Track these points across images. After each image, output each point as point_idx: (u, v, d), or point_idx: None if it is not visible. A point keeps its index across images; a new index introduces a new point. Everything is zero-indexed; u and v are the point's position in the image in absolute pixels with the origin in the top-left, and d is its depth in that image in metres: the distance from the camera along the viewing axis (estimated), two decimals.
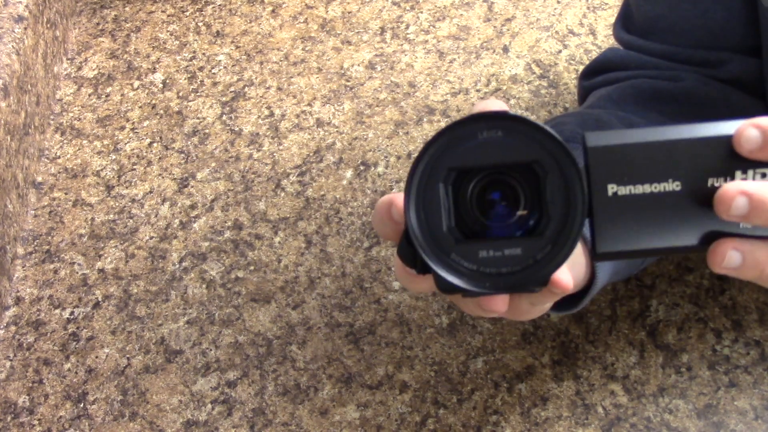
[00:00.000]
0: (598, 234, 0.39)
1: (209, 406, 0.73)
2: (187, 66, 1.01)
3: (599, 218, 0.38)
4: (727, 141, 0.38)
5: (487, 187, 0.39)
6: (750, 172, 0.38)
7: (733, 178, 0.38)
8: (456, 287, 0.39)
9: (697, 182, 0.38)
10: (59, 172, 0.92)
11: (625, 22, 0.75)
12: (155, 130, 0.95)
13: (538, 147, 0.37)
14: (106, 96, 0.99)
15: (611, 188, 0.38)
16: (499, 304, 0.42)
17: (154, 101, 0.98)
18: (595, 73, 0.75)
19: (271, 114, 0.95)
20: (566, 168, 0.37)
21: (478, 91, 0.95)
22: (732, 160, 0.38)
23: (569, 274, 0.41)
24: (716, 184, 0.38)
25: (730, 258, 0.39)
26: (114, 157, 0.93)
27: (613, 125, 0.65)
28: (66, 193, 0.90)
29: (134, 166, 0.92)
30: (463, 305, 0.45)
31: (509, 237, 0.38)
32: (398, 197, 0.42)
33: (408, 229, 0.38)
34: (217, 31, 1.05)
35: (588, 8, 1.03)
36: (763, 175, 0.38)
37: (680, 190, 0.38)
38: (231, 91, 0.98)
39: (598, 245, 0.39)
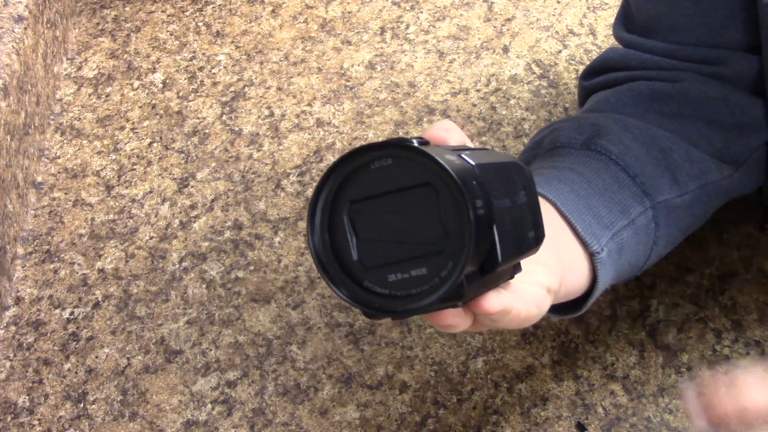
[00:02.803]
0: (499, 244, 0.42)
1: (209, 406, 0.73)
2: (187, 66, 1.01)
3: (499, 230, 0.41)
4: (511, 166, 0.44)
5: (388, 212, 0.40)
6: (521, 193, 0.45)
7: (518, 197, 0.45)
8: (374, 314, 0.41)
9: (515, 199, 0.44)
10: (59, 172, 0.92)
11: (625, 22, 0.75)
12: (155, 130, 0.95)
13: (426, 169, 0.39)
14: (106, 96, 0.99)
15: (496, 202, 0.41)
16: (450, 318, 0.43)
17: (154, 101, 0.98)
18: (596, 73, 0.75)
19: (271, 114, 0.95)
20: (453, 187, 0.38)
21: (478, 91, 0.95)
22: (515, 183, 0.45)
23: (498, 299, 0.44)
24: (518, 201, 0.44)
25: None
26: (114, 157, 0.93)
27: (610, 128, 0.65)
28: (66, 193, 0.90)
29: (134, 166, 0.92)
30: (429, 320, 0.46)
31: (415, 259, 0.40)
32: None
33: (317, 265, 0.40)
34: (217, 31, 1.05)
35: (588, 8, 1.03)
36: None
37: (509, 205, 0.43)
38: (231, 91, 0.98)
39: (499, 256, 0.41)
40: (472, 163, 0.41)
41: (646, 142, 0.66)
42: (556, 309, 0.61)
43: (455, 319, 0.43)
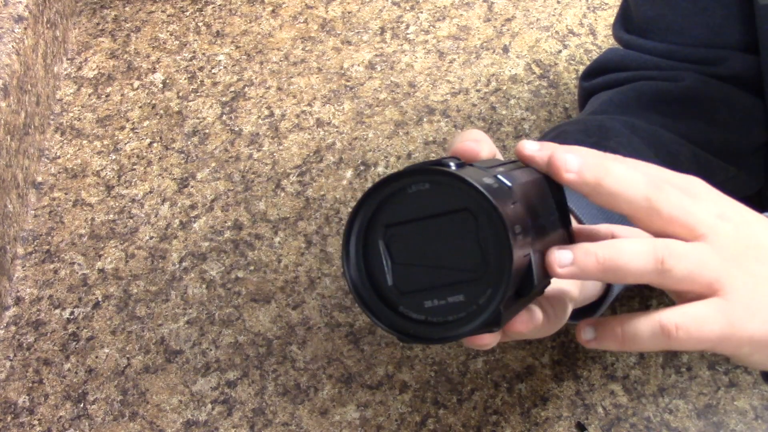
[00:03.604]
0: (534, 268, 0.41)
1: (209, 406, 0.73)
2: (187, 66, 1.01)
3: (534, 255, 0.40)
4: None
5: (425, 238, 0.40)
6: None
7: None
8: (409, 340, 0.40)
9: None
10: (59, 172, 0.92)
11: (624, 22, 0.75)
12: (155, 130, 0.95)
13: (464, 195, 0.38)
14: (106, 96, 0.99)
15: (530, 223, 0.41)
16: (485, 339, 0.43)
17: (154, 101, 0.98)
18: (595, 74, 0.75)
19: (271, 114, 0.95)
20: (492, 214, 0.38)
21: (478, 91, 0.95)
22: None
23: (530, 320, 0.44)
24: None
25: (560, 258, 0.41)
26: (114, 157, 0.93)
27: (617, 131, 0.65)
28: (66, 193, 0.90)
29: (134, 166, 0.92)
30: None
31: (452, 286, 0.39)
32: None
33: (354, 293, 0.40)
34: (217, 31, 1.05)
35: (588, 8, 1.03)
36: None
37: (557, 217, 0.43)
38: (231, 91, 0.98)
39: (535, 279, 0.40)
40: (509, 184, 0.39)
41: (655, 144, 0.66)
42: (574, 315, 0.61)
43: (489, 339, 0.42)
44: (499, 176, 0.40)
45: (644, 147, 0.65)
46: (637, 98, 0.69)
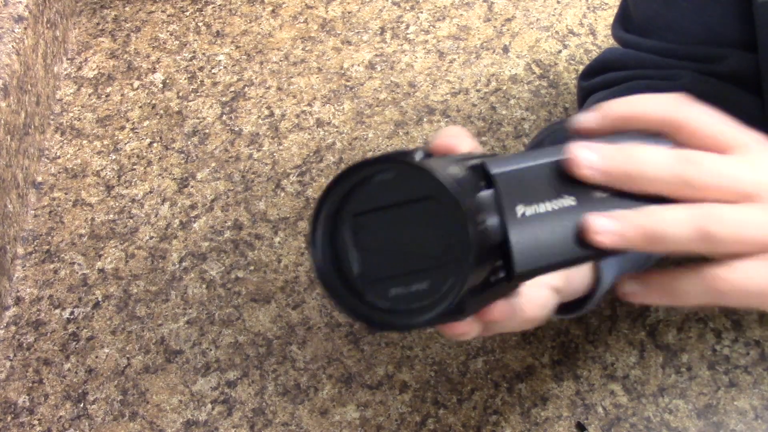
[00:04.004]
0: (516, 254, 0.40)
1: (209, 406, 0.73)
2: (187, 66, 1.01)
3: (514, 239, 0.40)
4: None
5: (390, 226, 0.40)
6: None
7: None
8: (375, 328, 0.40)
9: (587, 194, 0.41)
10: (59, 172, 0.92)
11: (623, 22, 0.75)
12: (155, 130, 0.95)
13: (428, 184, 0.38)
14: (106, 96, 0.99)
15: (520, 209, 0.40)
16: (461, 327, 0.43)
17: (154, 101, 0.98)
18: (594, 73, 0.76)
19: (271, 114, 0.95)
20: (452, 203, 0.38)
21: (478, 91, 0.95)
22: None
23: (501, 308, 0.43)
24: (599, 196, 0.42)
25: (603, 226, 0.41)
26: (114, 157, 0.93)
27: None
28: (66, 193, 0.90)
29: (134, 166, 0.92)
30: (439, 330, 0.46)
31: (416, 273, 0.39)
32: None
33: (321, 282, 0.40)
34: (217, 31, 1.05)
35: (588, 8, 1.03)
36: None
37: (575, 204, 0.41)
38: (231, 91, 0.98)
39: (516, 265, 0.40)
40: (492, 172, 0.40)
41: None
42: (559, 309, 0.61)
43: (463, 328, 0.43)
44: (472, 163, 0.40)
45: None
46: None
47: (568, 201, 0.41)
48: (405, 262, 0.40)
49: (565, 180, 0.41)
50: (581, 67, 0.95)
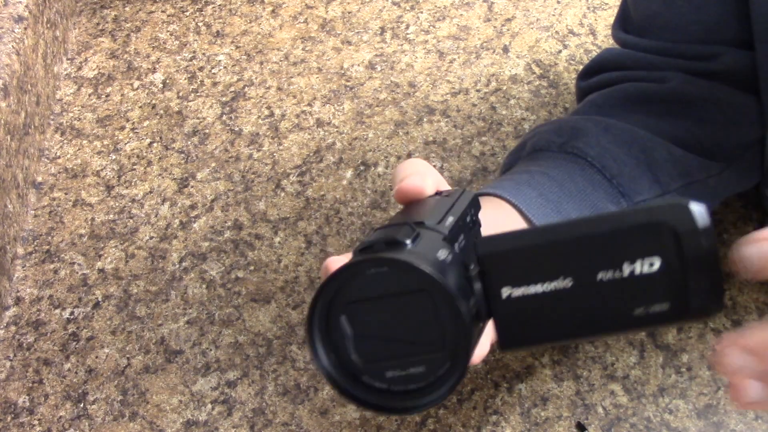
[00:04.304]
0: (500, 334, 0.41)
1: (209, 406, 0.73)
2: (187, 66, 1.01)
3: (499, 320, 0.41)
4: (611, 234, 0.40)
5: (385, 314, 0.41)
6: (637, 262, 0.39)
7: (621, 269, 0.40)
8: (372, 409, 0.42)
9: (587, 277, 0.40)
10: (59, 172, 0.92)
11: (623, 22, 0.75)
12: (155, 130, 0.95)
13: (421, 278, 0.39)
14: (106, 96, 0.99)
15: (506, 291, 0.40)
16: None
17: (154, 101, 0.98)
18: (592, 73, 0.76)
19: (271, 114, 0.95)
20: (448, 299, 0.39)
21: (478, 91, 0.95)
22: (618, 253, 0.40)
23: (479, 351, 0.45)
24: (605, 277, 0.40)
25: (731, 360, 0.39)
26: (114, 157, 0.93)
27: (588, 130, 0.66)
28: (66, 193, 0.90)
29: (134, 166, 0.92)
30: None
31: (412, 357, 0.41)
32: (333, 262, 0.47)
33: (319, 367, 0.41)
34: (217, 31, 1.05)
35: (588, 8, 1.03)
36: (651, 265, 0.39)
37: (571, 285, 0.40)
38: (231, 91, 0.98)
39: (501, 344, 0.42)
40: (481, 253, 0.40)
41: (627, 142, 0.66)
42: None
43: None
44: (458, 245, 0.42)
45: (614, 146, 0.65)
46: (622, 99, 0.70)
47: (563, 283, 0.40)
48: (401, 347, 0.41)
49: (564, 260, 0.40)
50: (581, 67, 0.95)
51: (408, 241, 0.40)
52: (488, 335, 0.50)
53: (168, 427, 0.72)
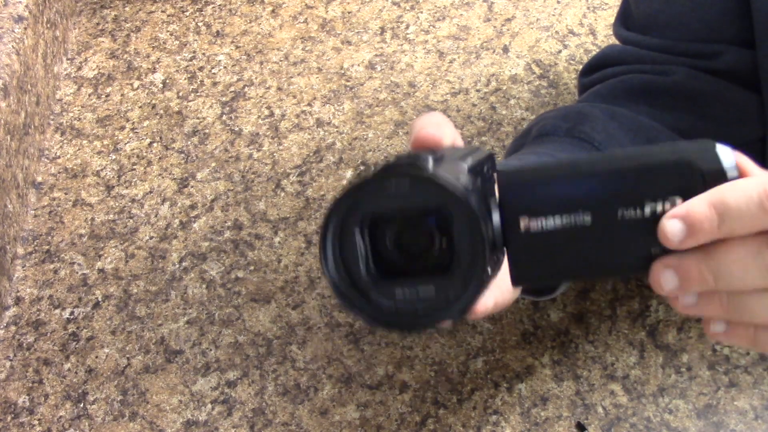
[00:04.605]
0: (514, 267, 0.41)
1: (209, 406, 0.73)
2: (187, 66, 1.01)
3: (514, 252, 0.41)
4: (635, 171, 0.39)
5: (401, 230, 0.41)
6: (660, 201, 0.39)
7: (642, 208, 0.39)
8: (378, 326, 0.41)
9: (607, 213, 0.40)
10: (59, 172, 0.92)
11: (624, 20, 0.75)
12: (155, 130, 0.95)
13: (442, 194, 0.39)
14: (106, 96, 0.99)
15: (523, 222, 0.40)
16: (444, 323, 0.44)
17: (154, 101, 0.98)
18: (594, 69, 0.76)
19: (271, 114, 0.95)
20: (469, 215, 0.39)
21: (478, 91, 0.95)
22: (641, 190, 0.39)
23: (485, 304, 0.44)
24: (626, 215, 0.39)
25: (666, 280, 0.39)
26: (114, 157, 0.93)
27: (594, 116, 0.66)
28: (66, 193, 0.90)
29: (134, 166, 0.92)
30: None
31: (423, 277, 0.40)
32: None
33: (327, 277, 0.41)
34: (217, 31, 1.05)
35: (588, 8, 1.03)
36: (672, 203, 0.39)
37: (590, 221, 0.40)
38: (231, 91, 0.98)
39: (514, 277, 0.41)
40: (502, 182, 0.40)
41: (632, 130, 0.66)
42: (531, 290, 0.63)
43: (448, 323, 0.44)
44: (479, 169, 0.41)
45: (620, 133, 0.65)
46: (625, 90, 0.70)
47: (583, 217, 0.40)
48: (412, 266, 0.40)
49: (585, 194, 0.40)
50: (581, 67, 0.95)
51: (430, 162, 0.39)
52: (493, 293, 0.49)
53: (168, 427, 0.72)
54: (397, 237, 0.40)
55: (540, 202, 0.40)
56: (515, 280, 0.41)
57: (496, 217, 0.40)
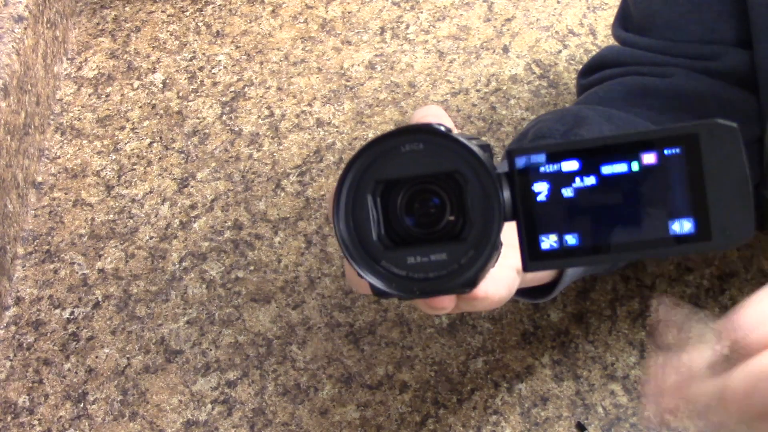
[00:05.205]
0: (526, 243, 0.41)
1: (209, 406, 0.73)
2: (187, 66, 1.01)
3: (526, 223, 0.41)
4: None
5: (413, 196, 0.41)
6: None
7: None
8: (388, 293, 0.41)
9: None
10: (59, 172, 0.92)
11: (623, 21, 0.75)
12: (155, 130, 0.95)
13: (457, 157, 0.39)
14: (106, 96, 0.99)
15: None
16: (446, 302, 0.43)
17: (154, 101, 0.98)
18: (592, 70, 0.76)
19: (271, 114, 0.95)
20: (484, 177, 0.39)
21: (478, 91, 0.95)
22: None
23: (487, 284, 0.44)
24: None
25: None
26: (114, 157, 0.93)
27: (590, 119, 0.66)
28: (66, 193, 0.90)
29: (134, 166, 0.92)
30: (415, 303, 0.46)
31: (435, 243, 0.40)
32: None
33: (339, 241, 0.41)
34: (217, 31, 1.05)
35: (588, 8, 1.03)
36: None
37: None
38: (231, 91, 0.98)
39: (525, 267, 0.41)
40: (516, 160, 0.40)
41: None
42: (527, 293, 0.63)
43: (444, 303, 0.43)
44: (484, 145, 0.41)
45: None
46: (624, 92, 0.70)
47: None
48: (425, 232, 0.40)
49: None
50: (581, 67, 0.95)
51: (443, 128, 0.39)
52: (505, 282, 0.49)
53: (168, 427, 0.72)
54: (408, 203, 0.40)
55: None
56: (527, 269, 0.41)
57: (506, 193, 0.40)
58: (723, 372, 0.40)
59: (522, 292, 0.61)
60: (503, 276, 0.50)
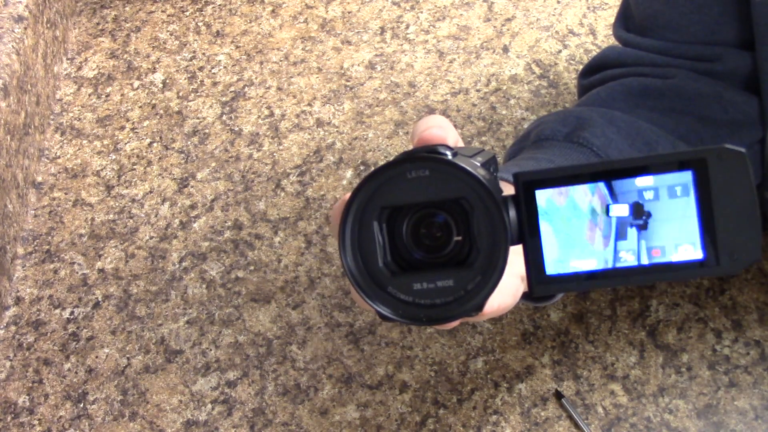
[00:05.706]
0: (532, 268, 0.41)
1: (209, 406, 0.73)
2: (187, 66, 1.01)
3: (531, 250, 0.41)
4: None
5: (419, 222, 0.41)
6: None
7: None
8: (395, 320, 0.41)
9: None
10: (59, 172, 0.92)
11: (624, 21, 0.75)
12: (155, 130, 0.95)
13: (463, 184, 0.39)
14: (106, 96, 0.99)
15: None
16: (452, 325, 0.44)
17: (154, 101, 0.98)
18: (593, 71, 0.76)
19: (271, 114, 0.95)
20: (490, 203, 0.39)
21: (478, 91, 0.95)
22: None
23: (493, 298, 0.43)
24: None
25: None
26: (114, 157, 0.93)
27: (593, 121, 0.66)
28: (66, 193, 0.90)
29: (134, 166, 0.92)
30: None
31: (441, 269, 0.40)
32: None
33: (345, 269, 0.41)
34: (217, 31, 1.05)
35: (588, 8, 1.03)
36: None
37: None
38: (231, 91, 0.98)
39: (532, 292, 0.41)
40: (522, 180, 0.40)
41: (631, 135, 0.66)
42: (530, 296, 0.63)
43: (454, 324, 0.44)
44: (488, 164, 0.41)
45: (619, 137, 0.65)
46: (624, 93, 0.70)
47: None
48: (431, 258, 0.40)
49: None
50: (581, 67, 0.95)
51: (448, 154, 0.39)
52: (510, 291, 0.49)
53: (168, 427, 0.72)
54: (414, 229, 0.40)
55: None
56: (534, 294, 0.41)
57: (512, 213, 0.40)
58: None
59: (524, 296, 0.61)
60: (508, 284, 0.50)
